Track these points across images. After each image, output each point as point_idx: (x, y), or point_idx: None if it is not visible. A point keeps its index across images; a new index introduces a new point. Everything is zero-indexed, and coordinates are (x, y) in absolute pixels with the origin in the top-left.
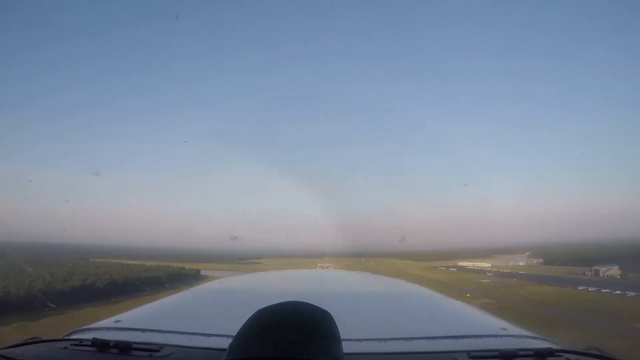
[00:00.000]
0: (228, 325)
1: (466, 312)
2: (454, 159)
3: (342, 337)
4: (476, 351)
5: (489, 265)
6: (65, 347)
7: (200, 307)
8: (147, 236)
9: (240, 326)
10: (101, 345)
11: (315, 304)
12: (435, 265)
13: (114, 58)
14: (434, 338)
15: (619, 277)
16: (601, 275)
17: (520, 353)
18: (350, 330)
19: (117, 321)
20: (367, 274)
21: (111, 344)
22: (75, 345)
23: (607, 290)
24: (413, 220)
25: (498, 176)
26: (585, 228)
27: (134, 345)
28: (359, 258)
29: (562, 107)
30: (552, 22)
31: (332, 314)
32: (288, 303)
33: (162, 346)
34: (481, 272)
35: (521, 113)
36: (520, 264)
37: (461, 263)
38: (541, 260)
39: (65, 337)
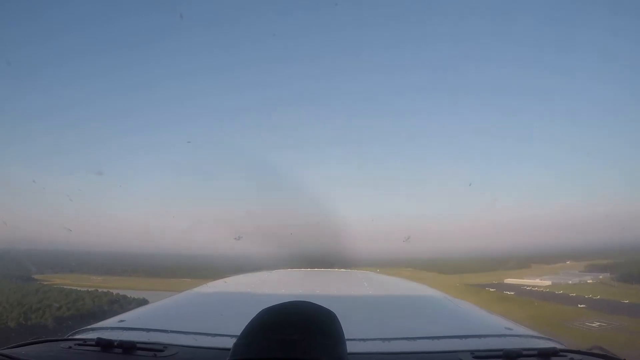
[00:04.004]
0: (232, 324)
1: (470, 311)
2: (468, 157)
3: (346, 337)
4: (480, 351)
5: (549, 282)
6: (70, 347)
7: (204, 306)
8: (143, 240)
9: (245, 326)
10: (105, 345)
11: (319, 304)
12: (474, 283)
13: (118, 57)
14: (437, 338)
15: None
16: None
17: (524, 353)
18: (354, 330)
19: (121, 321)
20: (370, 273)
21: (115, 343)
22: (80, 344)
23: None
24: (428, 223)
25: (516, 176)
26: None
27: (138, 345)
28: (374, 269)
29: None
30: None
31: (336, 313)
32: (292, 303)
33: (166, 346)
34: (556, 298)
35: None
36: (588, 280)
37: (509, 280)
38: (607, 275)
39: (69, 337)
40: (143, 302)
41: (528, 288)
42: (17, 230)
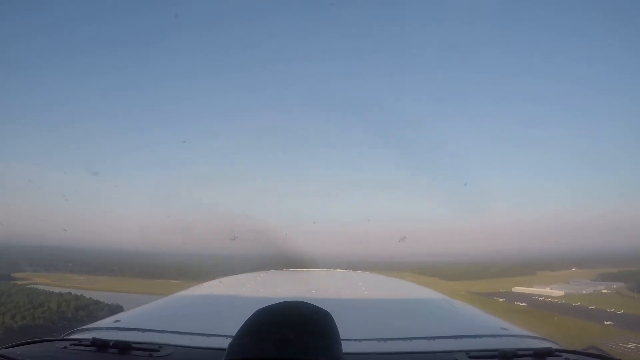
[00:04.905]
0: (227, 325)
1: (466, 311)
2: (467, 160)
3: (341, 337)
4: (476, 351)
5: (562, 292)
6: (65, 347)
7: (200, 306)
8: (136, 238)
9: (240, 326)
10: (101, 345)
11: (314, 304)
12: (480, 291)
13: (114, 58)
14: (433, 338)
15: None
16: None
17: (520, 353)
18: (350, 330)
19: (116, 321)
20: (366, 273)
21: (111, 343)
22: (75, 345)
23: None
24: (427, 226)
25: (516, 180)
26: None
27: (133, 345)
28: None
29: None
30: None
31: (331, 313)
32: (287, 303)
33: (161, 346)
34: (576, 311)
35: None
36: (603, 290)
37: (517, 289)
38: (622, 284)
39: (65, 337)
40: (117, 308)
41: (541, 299)
42: (12, 228)
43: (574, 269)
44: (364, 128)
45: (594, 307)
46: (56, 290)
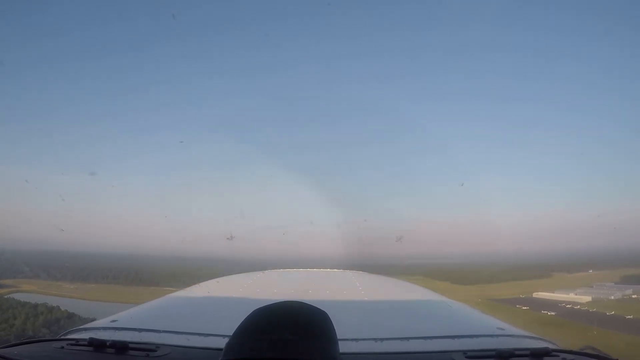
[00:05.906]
0: (224, 325)
1: (463, 312)
2: (465, 159)
3: (338, 337)
4: (473, 351)
5: (588, 298)
6: (62, 347)
7: (197, 306)
8: (135, 241)
9: (237, 326)
10: (98, 345)
11: (311, 304)
12: (498, 297)
13: (112, 58)
14: (430, 338)
15: None
16: None
17: (517, 353)
18: (347, 330)
19: (113, 321)
20: (363, 273)
21: (108, 343)
22: (72, 345)
23: None
24: (433, 226)
25: (520, 181)
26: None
27: (130, 345)
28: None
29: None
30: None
31: (328, 313)
32: (284, 303)
33: (158, 346)
34: (615, 323)
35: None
36: (633, 296)
37: (539, 294)
38: None
39: (62, 337)
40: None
41: (568, 306)
42: (8, 231)
43: (590, 271)
44: (363, 129)
45: (631, 316)
46: (36, 300)
